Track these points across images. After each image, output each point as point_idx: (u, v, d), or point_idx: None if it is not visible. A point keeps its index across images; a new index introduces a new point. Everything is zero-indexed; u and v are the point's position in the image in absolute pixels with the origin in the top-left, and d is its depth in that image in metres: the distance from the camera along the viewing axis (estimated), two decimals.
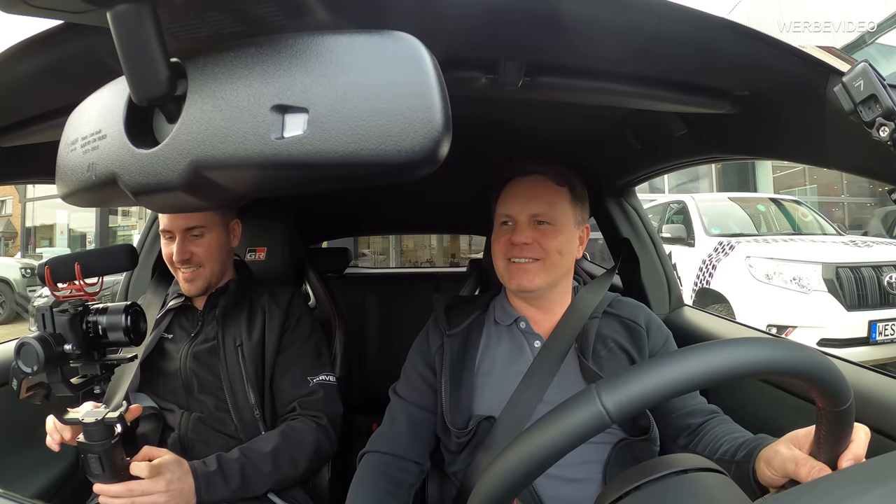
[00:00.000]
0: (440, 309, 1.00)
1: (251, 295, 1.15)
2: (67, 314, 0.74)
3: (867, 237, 4.72)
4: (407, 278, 2.43)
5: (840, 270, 3.41)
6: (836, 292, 3.35)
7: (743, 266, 3.80)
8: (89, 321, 0.77)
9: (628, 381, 0.40)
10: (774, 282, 3.58)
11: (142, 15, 0.32)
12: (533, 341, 0.92)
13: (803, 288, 3.45)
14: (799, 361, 0.43)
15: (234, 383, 1.05)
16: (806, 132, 0.70)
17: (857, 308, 3.33)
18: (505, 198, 0.95)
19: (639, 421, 0.83)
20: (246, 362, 1.07)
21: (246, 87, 0.32)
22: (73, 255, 0.83)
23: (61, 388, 0.74)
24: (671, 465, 0.46)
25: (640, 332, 0.91)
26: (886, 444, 0.73)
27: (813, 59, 0.58)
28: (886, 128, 0.50)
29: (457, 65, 0.64)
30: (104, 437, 0.76)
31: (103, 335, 0.78)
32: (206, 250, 1.08)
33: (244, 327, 1.10)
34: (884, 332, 3.31)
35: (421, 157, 0.30)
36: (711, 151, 0.99)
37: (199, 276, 1.08)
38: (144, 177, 0.35)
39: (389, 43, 0.31)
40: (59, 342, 0.73)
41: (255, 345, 1.09)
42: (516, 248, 0.90)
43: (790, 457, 0.56)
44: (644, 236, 1.45)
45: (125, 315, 0.78)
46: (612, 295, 1.00)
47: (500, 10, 0.52)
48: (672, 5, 0.52)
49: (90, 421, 0.75)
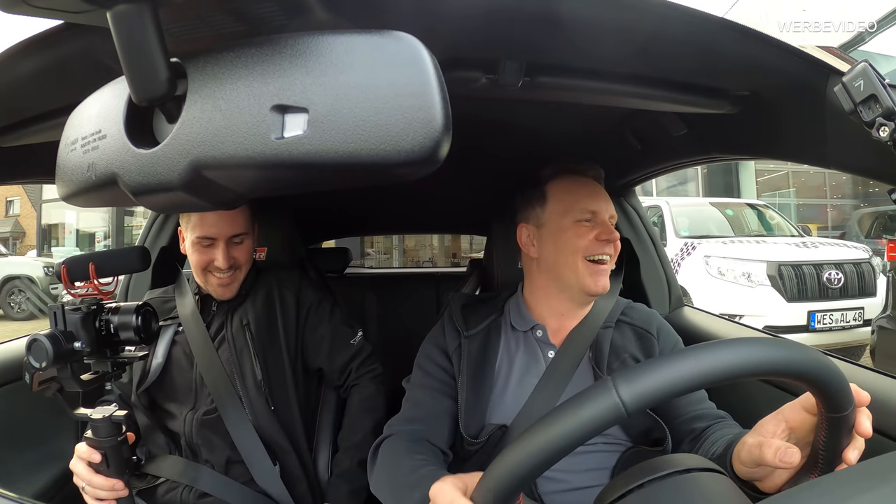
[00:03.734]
0: (457, 309, 0.96)
1: (258, 282, 1.18)
2: (80, 312, 0.77)
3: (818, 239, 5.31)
4: (407, 278, 2.43)
5: (782, 268, 3.99)
6: (777, 286, 3.95)
7: (701, 263, 4.41)
8: (102, 319, 0.79)
9: (645, 373, 0.40)
10: (727, 277, 4.20)
11: (142, 15, 0.32)
12: (547, 351, 0.89)
13: (751, 282, 4.06)
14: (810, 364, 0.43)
15: (242, 359, 1.07)
16: (806, 132, 0.70)
17: (797, 300, 3.91)
18: (580, 193, 0.90)
19: (653, 433, 0.81)
20: (253, 338, 1.09)
21: (246, 87, 0.32)
22: (87, 255, 0.86)
23: (71, 384, 0.76)
24: (672, 464, 0.46)
25: (651, 341, 0.90)
26: (886, 444, 0.73)
27: (813, 59, 0.58)
28: (886, 128, 0.50)
29: (457, 65, 0.64)
30: (111, 434, 0.78)
31: (115, 333, 0.80)
32: (247, 255, 1.11)
33: (250, 308, 1.13)
34: (822, 321, 3.86)
35: (421, 157, 0.30)
36: (711, 151, 0.99)
37: (235, 280, 1.10)
38: (144, 177, 0.35)
39: (389, 43, 0.31)
40: (70, 339, 0.75)
41: (261, 322, 1.11)
42: (605, 246, 0.87)
43: (755, 443, 0.55)
44: (644, 236, 1.46)
45: (136, 315, 0.80)
46: (625, 301, 0.98)
47: (500, 10, 0.52)
48: (672, 5, 0.52)
49: (98, 417, 0.77)
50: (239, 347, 1.08)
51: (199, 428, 1.03)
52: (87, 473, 0.80)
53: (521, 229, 0.96)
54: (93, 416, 0.77)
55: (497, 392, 0.87)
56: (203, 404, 1.05)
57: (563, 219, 0.89)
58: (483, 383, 0.87)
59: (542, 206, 0.92)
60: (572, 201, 0.90)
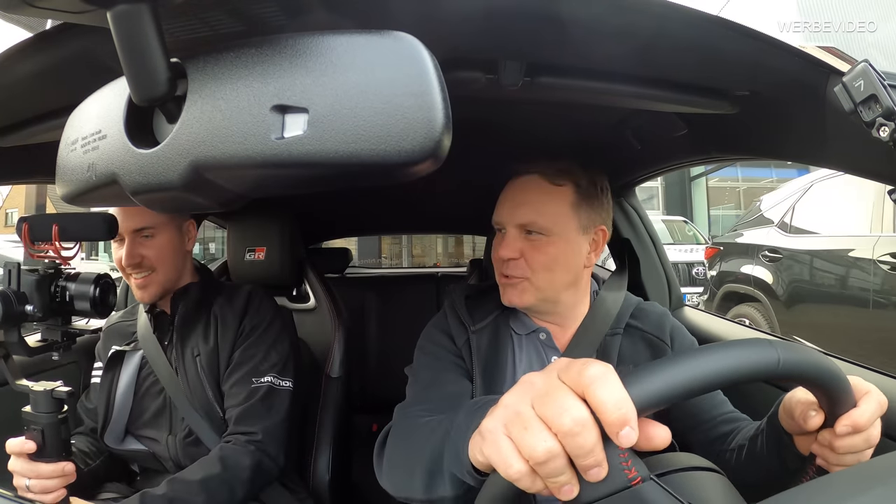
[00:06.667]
0: (460, 301, 0.89)
1: (210, 300, 1.09)
2: (36, 274, 0.72)
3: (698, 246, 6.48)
4: (407, 278, 2.43)
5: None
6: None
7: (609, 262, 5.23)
8: (58, 285, 0.74)
9: (654, 374, 0.39)
10: None
11: (142, 15, 0.32)
12: (551, 356, 0.84)
13: None
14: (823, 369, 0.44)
15: (199, 390, 1.00)
16: (806, 132, 0.70)
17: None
18: (499, 201, 0.86)
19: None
20: (206, 372, 1.01)
21: (246, 87, 0.32)
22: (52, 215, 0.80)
23: (17, 349, 0.72)
24: (671, 463, 0.46)
25: (664, 350, 0.84)
26: (886, 444, 0.73)
27: (813, 59, 0.58)
28: (886, 128, 0.50)
29: (457, 65, 0.64)
30: (52, 410, 0.73)
31: (70, 302, 0.75)
32: (158, 253, 1.01)
33: (201, 336, 1.04)
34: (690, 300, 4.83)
35: (421, 157, 0.30)
36: (711, 151, 0.99)
37: (152, 282, 1.01)
38: (144, 177, 0.35)
39: (389, 43, 0.31)
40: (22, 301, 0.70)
41: (210, 355, 1.02)
42: (503, 264, 0.81)
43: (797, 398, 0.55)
44: (644, 236, 1.46)
45: (94, 285, 0.75)
46: (635, 300, 0.91)
47: (500, 10, 0.52)
48: (672, 5, 0.52)
49: (39, 389, 0.72)
50: (192, 381, 1.01)
51: (183, 450, 1.00)
52: (28, 465, 0.74)
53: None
54: (34, 388, 0.72)
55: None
56: (179, 429, 1.01)
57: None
58: (495, 383, 0.81)
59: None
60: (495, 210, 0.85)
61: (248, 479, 0.93)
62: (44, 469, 0.74)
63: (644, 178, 1.35)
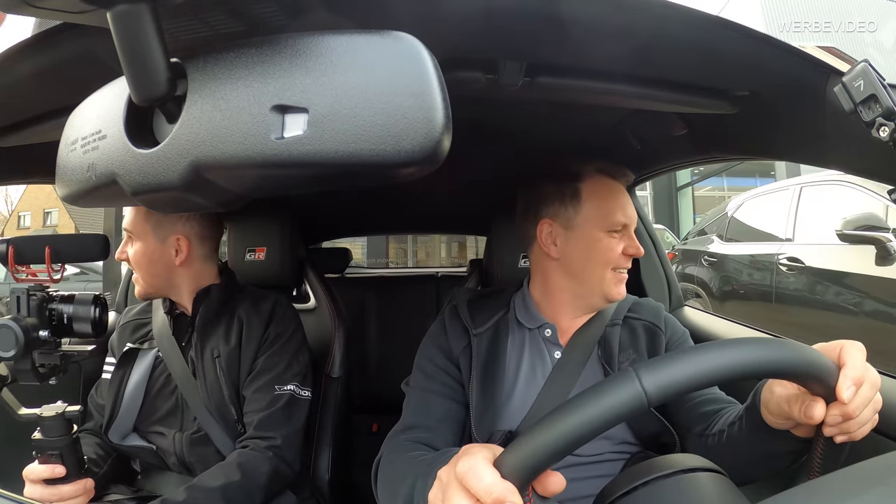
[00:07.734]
0: (463, 305, 0.91)
1: (233, 302, 1.09)
2: (35, 299, 0.70)
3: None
4: (407, 278, 2.42)
5: None
6: None
7: None
8: (53, 309, 0.72)
9: (668, 365, 0.40)
10: None
11: (142, 15, 0.32)
12: (553, 351, 0.87)
13: None
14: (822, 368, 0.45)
15: (216, 392, 1.00)
16: (806, 132, 0.70)
17: None
18: (616, 202, 0.86)
19: (661, 437, 0.80)
20: (224, 373, 1.01)
21: (246, 87, 0.32)
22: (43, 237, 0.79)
23: (28, 377, 0.70)
24: (674, 464, 0.46)
25: (659, 335, 0.88)
26: (886, 444, 0.73)
27: (813, 59, 0.58)
28: (886, 128, 0.50)
29: (457, 65, 0.64)
30: (66, 432, 0.72)
31: (68, 324, 0.73)
32: (134, 257, 1.01)
33: (222, 337, 1.04)
34: None
35: (421, 157, 0.30)
36: (711, 151, 0.99)
37: (138, 282, 1.02)
38: (144, 177, 0.35)
39: (389, 43, 0.31)
40: (36, 328, 0.69)
41: (231, 357, 1.02)
42: (629, 260, 0.86)
43: (783, 396, 0.54)
44: (644, 236, 1.46)
45: (94, 306, 0.73)
46: (632, 298, 0.96)
47: (500, 10, 0.52)
48: (672, 5, 0.52)
49: (50, 415, 0.71)
50: (210, 381, 1.01)
51: (189, 447, 1.00)
52: (49, 490, 0.73)
53: (542, 225, 0.89)
54: (44, 415, 0.71)
55: (505, 394, 0.85)
56: (189, 426, 1.01)
57: (597, 227, 0.85)
58: (494, 385, 0.84)
59: (574, 207, 0.86)
60: (608, 210, 0.85)
61: (265, 485, 0.94)
62: (66, 491, 0.73)
63: (644, 178, 1.35)
